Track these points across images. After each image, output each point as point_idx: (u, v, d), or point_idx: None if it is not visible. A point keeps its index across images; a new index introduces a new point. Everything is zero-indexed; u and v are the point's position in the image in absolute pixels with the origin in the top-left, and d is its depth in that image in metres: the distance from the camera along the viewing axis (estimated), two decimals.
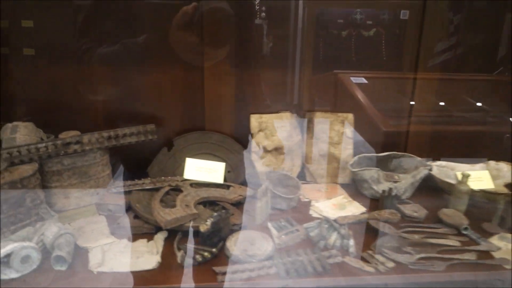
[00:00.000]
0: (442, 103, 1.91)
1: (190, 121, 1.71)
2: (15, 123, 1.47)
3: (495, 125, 1.97)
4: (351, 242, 1.37)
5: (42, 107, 1.63)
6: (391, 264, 1.28)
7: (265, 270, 1.22)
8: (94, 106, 1.66)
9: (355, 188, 1.74)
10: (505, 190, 1.69)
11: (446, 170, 1.82)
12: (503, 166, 1.84)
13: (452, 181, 1.69)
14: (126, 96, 1.66)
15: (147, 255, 1.25)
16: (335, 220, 1.47)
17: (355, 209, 1.58)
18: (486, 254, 1.36)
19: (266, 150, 1.71)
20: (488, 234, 1.47)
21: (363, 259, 1.31)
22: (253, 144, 1.71)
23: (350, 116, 1.75)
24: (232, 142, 1.71)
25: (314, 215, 1.54)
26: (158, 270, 1.21)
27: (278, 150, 1.71)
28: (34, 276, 1.15)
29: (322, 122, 1.73)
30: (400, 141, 1.87)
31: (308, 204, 1.61)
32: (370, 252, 1.34)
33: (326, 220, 1.46)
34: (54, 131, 1.55)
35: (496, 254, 1.36)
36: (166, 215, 1.30)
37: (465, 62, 1.98)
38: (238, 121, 1.73)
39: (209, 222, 1.28)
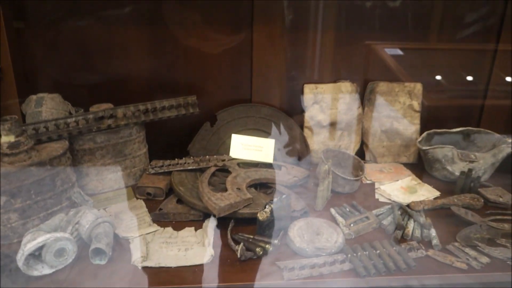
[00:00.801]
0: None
1: (236, 93, 1.50)
2: (40, 94, 1.28)
3: None
4: (433, 232, 1.16)
5: (69, 78, 1.44)
6: (485, 260, 1.07)
7: (338, 266, 1.03)
8: (129, 76, 1.46)
9: (421, 169, 1.52)
10: None
11: None
12: None
13: None
14: (164, 65, 1.46)
15: (197, 247, 1.07)
16: (408, 206, 1.26)
17: (428, 193, 1.37)
18: None
19: (321, 125, 1.49)
20: None
21: (449, 252, 1.11)
22: (306, 118, 1.49)
23: (419, 86, 1.52)
24: (283, 116, 1.49)
25: (381, 199, 1.33)
26: (211, 264, 1.03)
27: (334, 125, 1.50)
28: (68, 272, 0.98)
29: (386, 93, 1.51)
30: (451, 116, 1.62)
31: (371, 187, 1.40)
32: (456, 244, 1.13)
33: (399, 205, 1.26)
34: (83, 104, 1.37)
35: None
36: (218, 201, 1.11)
37: None
38: (290, 92, 1.51)
39: (268, 209, 1.09)
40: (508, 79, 1.59)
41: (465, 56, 1.57)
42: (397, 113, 1.51)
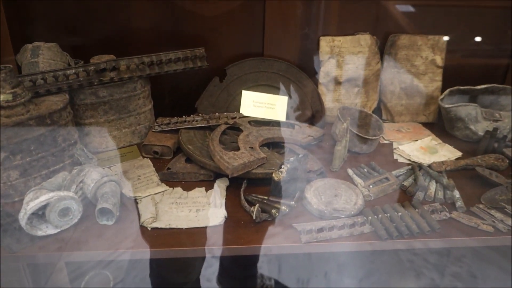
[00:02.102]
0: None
1: (247, 46, 1.39)
2: (36, 43, 1.18)
3: None
4: (457, 194, 1.10)
5: (67, 27, 1.33)
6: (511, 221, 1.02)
7: (358, 229, 0.98)
8: (132, 27, 1.35)
9: (441, 128, 1.44)
10: None
11: None
12: None
13: None
14: (170, 15, 1.34)
15: (209, 208, 1.02)
16: (429, 166, 1.20)
17: (449, 153, 1.30)
18: None
19: (337, 82, 1.40)
20: None
21: (474, 214, 1.05)
22: (322, 73, 1.40)
23: (443, 39, 1.41)
24: (297, 72, 1.40)
25: (400, 160, 1.27)
26: (225, 226, 0.97)
27: (351, 81, 1.41)
28: (74, 232, 0.93)
29: (408, 47, 1.40)
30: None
31: (389, 147, 1.33)
32: (481, 206, 1.07)
33: (420, 166, 1.19)
34: (83, 57, 1.27)
35: None
36: (231, 160, 1.04)
37: None
38: (305, 45, 1.41)
39: (284, 168, 1.03)
40: None
41: (489, 13, 1.46)
42: (417, 69, 1.41)
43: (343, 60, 1.38)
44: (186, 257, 1.64)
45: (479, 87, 1.43)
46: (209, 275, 2.00)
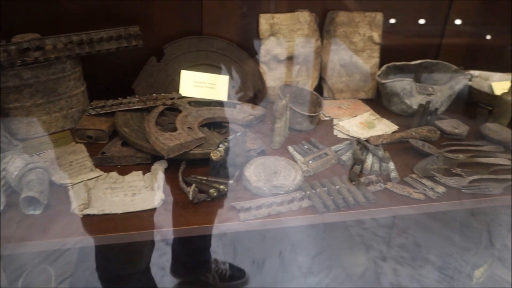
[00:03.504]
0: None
1: (184, 24, 1.34)
2: None
3: None
4: (392, 165, 1.14)
5: None
6: (441, 189, 1.07)
7: (296, 204, 0.99)
8: (61, 2, 1.25)
9: (380, 104, 1.49)
10: None
11: (479, 80, 1.59)
12: None
13: (491, 92, 1.47)
14: None
15: (146, 191, 0.99)
16: (367, 140, 1.23)
17: (386, 127, 1.34)
18: None
19: (278, 60, 1.39)
20: None
21: (407, 184, 1.10)
22: (262, 52, 1.38)
23: (379, 16, 1.44)
24: (236, 50, 1.38)
25: (340, 135, 1.29)
26: (162, 209, 0.95)
27: (292, 59, 1.41)
28: None
29: (346, 24, 1.41)
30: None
31: (329, 123, 1.36)
32: (414, 176, 1.12)
33: (357, 141, 1.22)
34: (5, 36, 1.17)
35: None
36: (167, 141, 1.01)
37: None
38: (245, 23, 1.38)
39: (222, 147, 1.01)
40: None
41: None
42: (356, 46, 1.44)
43: (283, 37, 1.37)
44: (132, 245, 1.60)
45: (413, 62, 1.48)
46: (164, 263, 1.97)
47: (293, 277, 2.27)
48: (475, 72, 1.60)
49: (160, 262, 2.06)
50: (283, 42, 1.37)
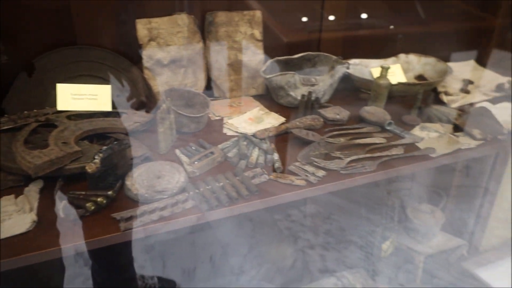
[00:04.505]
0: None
1: (54, 35, 1.27)
2: None
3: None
4: (276, 156, 1.19)
5: None
6: (322, 173, 1.14)
7: (180, 206, 0.99)
8: None
9: (270, 98, 1.54)
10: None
11: (360, 68, 1.70)
12: (413, 58, 1.78)
13: (370, 78, 1.59)
14: None
15: (17, 215, 0.93)
16: (253, 135, 1.27)
17: (274, 120, 1.39)
18: (412, 146, 1.29)
19: (162, 64, 1.38)
20: (409, 127, 1.41)
21: (291, 172, 1.15)
22: (144, 57, 1.37)
23: (258, 14, 1.48)
24: (117, 58, 1.34)
25: (229, 133, 1.31)
26: (34, 231, 0.90)
27: (176, 62, 1.40)
28: None
29: (226, 24, 1.44)
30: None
31: (220, 123, 1.37)
32: (297, 164, 1.18)
33: (244, 136, 1.25)
34: None
35: (421, 145, 1.30)
36: (35, 159, 0.96)
37: None
38: (123, 30, 1.35)
39: (97, 159, 0.98)
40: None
41: None
42: (240, 44, 1.47)
43: (163, 41, 1.36)
44: (33, 274, 1.51)
45: (295, 56, 1.55)
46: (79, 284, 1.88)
47: (225, 279, 2.27)
48: (356, 61, 1.71)
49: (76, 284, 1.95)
50: (164, 46, 1.36)
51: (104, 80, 1.32)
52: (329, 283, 2.20)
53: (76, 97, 1.25)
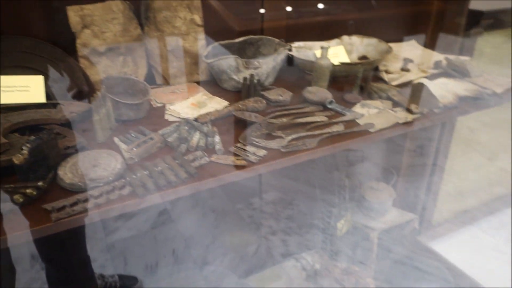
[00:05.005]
0: None
1: None
2: None
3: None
4: (217, 138, 1.19)
5: None
6: (262, 152, 1.15)
7: (116, 193, 0.97)
8: None
9: (215, 84, 1.53)
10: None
11: (304, 50, 1.73)
12: (356, 39, 1.82)
13: (313, 60, 1.61)
14: None
15: None
16: (195, 120, 1.26)
17: (217, 104, 1.39)
18: (352, 123, 1.33)
19: (98, 53, 1.34)
20: (351, 104, 1.44)
21: (232, 154, 1.15)
22: (79, 46, 1.32)
23: None
24: (49, 48, 1.29)
25: (171, 119, 1.30)
26: None
27: (114, 50, 1.37)
28: None
29: (164, 9, 1.42)
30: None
31: (162, 110, 1.36)
32: (238, 145, 1.18)
33: (186, 121, 1.24)
34: None
35: (361, 121, 1.33)
36: None
37: None
38: (55, 18, 1.30)
39: (25, 149, 0.95)
40: None
41: None
42: (180, 30, 1.45)
43: (98, 29, 1.33)
44: None
45: (237, 40, 1.55)
46: None
47: (188, 272, 2.26)
48: (300, 43, 1.73)
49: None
50: (99, 33, 1.33)
51: (35, 71, 1.27)
52: (289, 265, 2.24)
53: (7, 89, 1.20)
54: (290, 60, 1.61)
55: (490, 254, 2.82)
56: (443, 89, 1.56)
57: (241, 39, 1.55)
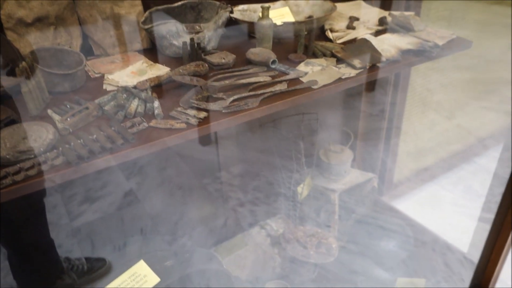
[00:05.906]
0: None
1: None
2: None
3: None
4: (156, 104, 1.16)
5: None
6: (203, 114, 1.13)
7: (48, 164, 0.94)
8: None
9: (157, 51, 1.49)
10: None
11: (249, 13, 1.69)
12: (301, 1, 1.80)
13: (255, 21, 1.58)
14: None
15: None
16: (134, 87, 1.22)
17: (158, 71, 1.35)
18: (296, 81, 1.32)
19: (26, 23, 1.27)
20: (295, 64, 1.43)
21: (172, 118, 1.13)
22: (3, 17, 1.25)
23: None
24: None
25: (110, 88, 1.26)
26: None
27: (43, 20, 1.30)
28: None
29: None
30: None
31: (101, 80, 1.31)
32: (179, 109, 1.16)
33: (124, 89, 1.21)
34: None
35: (304, 79, 1.33)
36: None
37: None
38: None
39: None
40: None
41: None
42: None
43: None
44: None
45: (176, 4, 1.50)
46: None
47: (157, 249, 2.25)
48: (244, 6, 1.70)
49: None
50: (25, 3, 1.25)
51: None
52: (254, 232, 2.26)
53: None
54: (235, 24, 1.58)
55: (449, 208, 2.95)
56: (386, 44, 1.57)
57: (180, 3, 1.50)
